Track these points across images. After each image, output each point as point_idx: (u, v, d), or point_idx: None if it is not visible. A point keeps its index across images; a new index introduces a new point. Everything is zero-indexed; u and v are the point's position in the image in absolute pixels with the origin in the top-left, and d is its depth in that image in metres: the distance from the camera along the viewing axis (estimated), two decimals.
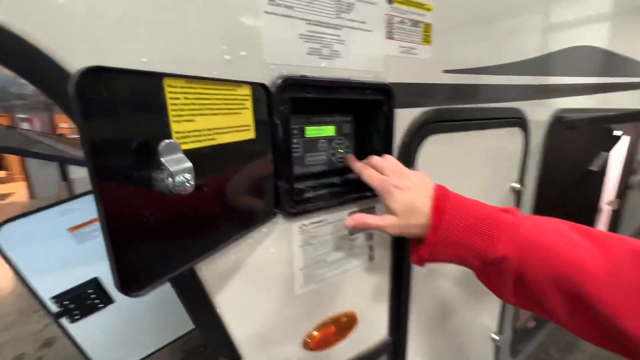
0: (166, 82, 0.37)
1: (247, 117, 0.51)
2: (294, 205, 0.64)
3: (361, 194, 0.75)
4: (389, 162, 0.64)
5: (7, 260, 1.11)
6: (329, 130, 0.76)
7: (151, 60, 0.42)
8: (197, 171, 0.42)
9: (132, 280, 0.34)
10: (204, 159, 0.44)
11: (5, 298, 3.04)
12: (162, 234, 0.38)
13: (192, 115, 0.41)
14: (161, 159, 0.34)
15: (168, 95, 0.37)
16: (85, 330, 1.31)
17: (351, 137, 0.80)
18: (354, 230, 0.64)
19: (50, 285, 1.28)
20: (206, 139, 0.43)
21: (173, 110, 0.38)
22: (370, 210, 0.80)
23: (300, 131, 0.71)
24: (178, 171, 0.35)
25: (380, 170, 0.62)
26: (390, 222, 0.55)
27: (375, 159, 0.70)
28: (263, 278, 0.65)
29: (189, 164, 0.36)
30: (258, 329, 0.67)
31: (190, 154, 0.41)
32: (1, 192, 5.86)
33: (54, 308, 1.20)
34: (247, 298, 0.63)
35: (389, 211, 0.57)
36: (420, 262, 0.54)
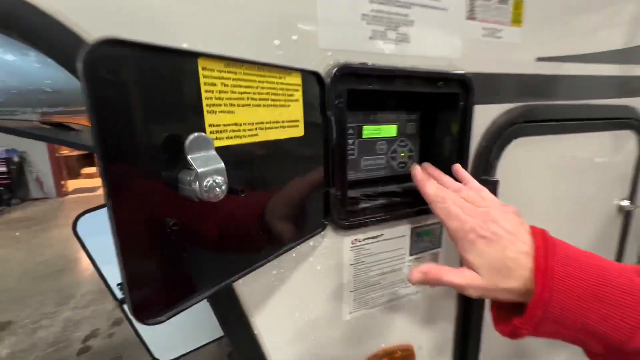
0: (201, 63, 0.30)
1: (296, 111, 0.43)
2: (347, 216, 0.55)
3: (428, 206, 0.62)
4: (469, 192, 0.49)
5: (83, 246, 1.20)
6: (390, 131, 0.65)
7: (183, 38, 0.36)
8: (235, 172, 0.35)
9: (148, 303, 0.28)
10: (244, 158, 0.36)
11: (88, 278, 3.45)
12: (188, 247, 0.31)
13: (231, 105, 0.34)
14: (188, 156, 0.27)
15: (203, 80, 0.30)
16: None
17: (415, 139, 0.68)
18: (420, 283, 0.48)
19: (117, 273, 1.38)
20: (247, 135, 0.36)
21: (208, 98, 0.31)
22: (439, 227, 0.66)
23: (356, 130, 0.61)
24: (207, 173, 0.28)
25: (458, 203, 0.46)
26: (471, 282, 0.42)
27: (450, 183, 0.56)
28: (307, 299, 0.56)
29: (220, 165, 0.29)
30: (300, 356, 0.58)
31: (227, 152, 0.34)
32: (92, 185, 6.71)
33: (119, 294, 1.28)
34: (288, 320, 0.55)
35: (468, 264, 0.43)
36: (514, 336, 0.39)
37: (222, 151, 0.33)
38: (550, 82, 0.73)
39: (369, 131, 0.62)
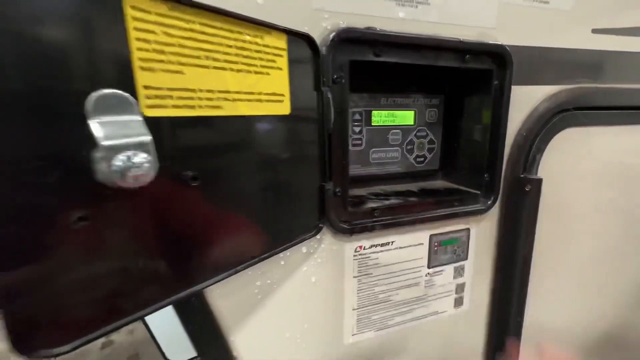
0: (128, 0, 0.22)
1: (279, 82, 0.34)
2: (349, 218, 0.45)
3: (453, 209, 0.51)
4: None
5: None
6: (406, 118, 0.54)
7: None
8: (188, 155, 0.27)
9: (39, 329, 0.20)
10: (201, 136, 0.28)
11: None
12: (108, 251, 0.22)
13: (179, 64, 0.25)
14: (89, 121, 0.19)
15: (132, 24, 0.22)
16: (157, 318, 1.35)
17: (438, 129, 0.57)
18: None
19: None
20: (205, 106, 0.27)
21: (141, 50, 0.23)
22: (465, 234, 0.55)
23: (364, 116, 0.51)
24: (119, 147, 0.19)
25: None
26: None
27: None
28: (300, 316, 0.47)
29: (144, 137, 0.21)
30: None
31: (173, 125, 0.25)
32: None
33: None
34: (275, 341, 0.46)
35: None
36: None
37: (166, 124, 0.25)
38: (608, 60, 0.59)
39: (380, 117, 0.52)
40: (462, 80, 0.54)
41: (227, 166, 0.30)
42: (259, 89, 0.32)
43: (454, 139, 0.57)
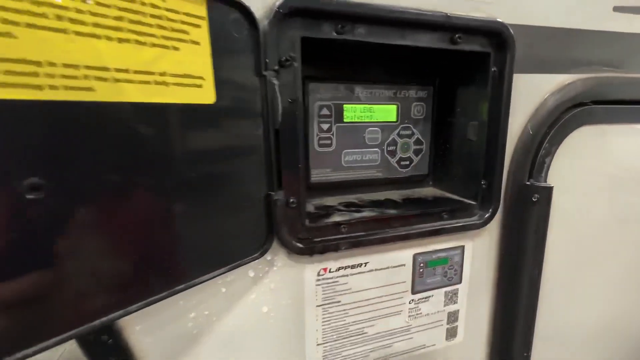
0: None
1: (194, 60, 0.26)
2: (308, 235, 0.36)
3: (442, 223, 0.42)
4: None
5: None
6: (387, 113, 0.46)
7: None
8: (37, 156, 0.19)
9: None
10: (60, 128, 0.20)
11: None
12: None
13: (7, 22, 0.17)
14: None
15: None
16: None
17: (426, 126, 0.48)
18: None
19: None
20: (66, 87, 0.19)
21: None
22: (459, 252, 0.45)
23: (334, 111, 0.43)
24: None
25: None
26: None
27: None
28: (248, 354, 0.38)
29: None
30: None
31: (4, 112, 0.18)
32: None
33: None
34: None
35: None
36: None
37: None
38: (632, 44, 0.49)
39: (354, 113, 0.44)
40: (454, 67, 0.45)
41: (110, 169, 0.22)
42: (161, 67, 0.24)
43: (446, 138, 0.48)
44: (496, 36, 0.39)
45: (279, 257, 0.37)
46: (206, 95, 0.27)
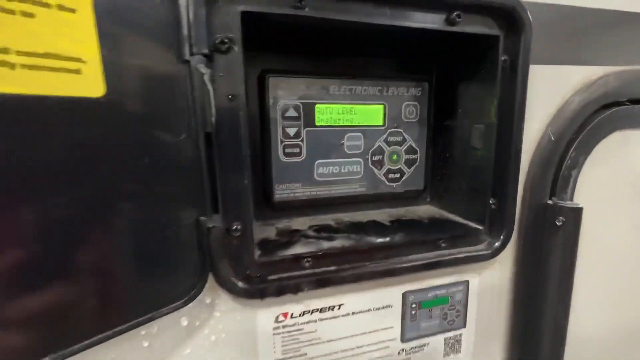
0: None
1: (65, 31, 0.18)
2: (257, 272, 0.28)
3: (439, 253, 0.33)
4: None
5: None
6: (372, 114, 0.37)
7: None
8: None
9: None
10: None
11: None
12: None
13: None
14: None
15: None
16: None
17: (420, 131, 0.39)
18: None
19: None
20: None
21: None
22: (462, 289, 0.36)
23: (304, 111, 0.34)
24: None
25: None
26: None
27: None
28: None
29: None
30: None
31: None
32: None
33: None
34: None
35: None
36: None
37: None
38: None
39: (330, 115, 0.35)
40: (455, 56, 0.36)
41: None
42: (3, 42, 0.16)
43: (445, 145, 0.39)
44: (507, 15, 0.30)
45: (222, 300, 0.28)
46: (89, 85, 0.19)
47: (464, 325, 0.37)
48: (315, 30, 0.30)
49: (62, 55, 0.18)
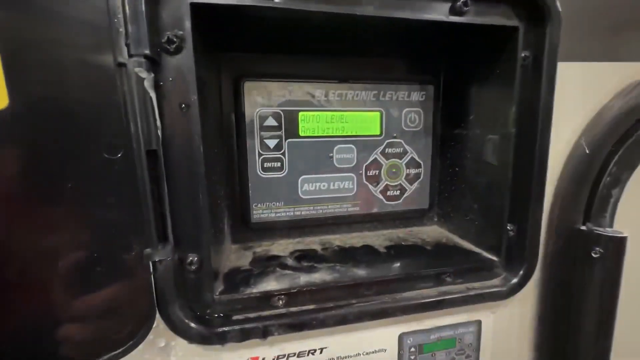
0: None
1: None
2: (218, 311, 0.23)
3: (444, 290, 0.28)
4: None
5: None
6: (367, 123, 0.32)
7: None
8: None
9: None
10: None
11: None
12: None
13: None
14: None
15: None
16: None
17: (425, 140, 0.34)
18: None
19: None
20: None
21: None
22: (473, 330, 0.30)
23: (286, 120, 0.30)
24: None
25: None
26: None
27: None
28: None
29: None
30: None
31: None
32: None
33: None
34: None
35: None
36: None
37: None
38: None
39: (316, 123, 0.31)
40: (466, 53, 0.31)
41: None
42: None
43: (454, 158, 0.33)
44: (528, 2, 0.25)
45: (178, 343, 0.24)
46: None
47: None
48: (296, 26, 0.25)
49: None
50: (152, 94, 0.20)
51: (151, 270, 0.21)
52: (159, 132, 0.20)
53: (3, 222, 0.17)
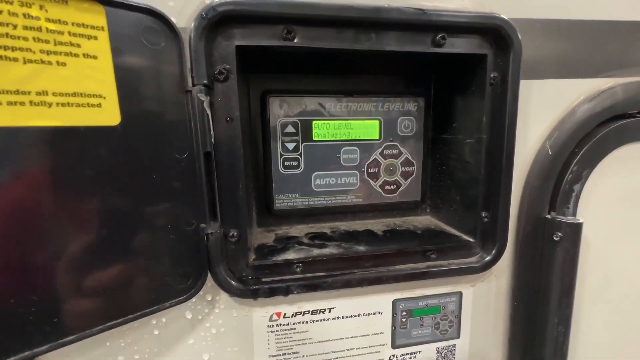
0: None
1: (89, 74, 0.22)
2: (252, 274, 0.31)
3: (429, 264, 0.34)
4: None
5: None
6: (368, 129, 0.39)
7: None
8: None
9: None
10: None
11: None
12: None
13: None
14: None
15: None
16: None
17: (416, 143, 0.41)
18: None
19: None
20: None
21: None
22: (454, 300, 0.37)
23: (302, 128, 0.37)
24: None
25: None
26: None
27: None
28: None
29: None
30: None
31: None
32: None
33: None
34: None
35: None
36: None
37: None
38: None
39: (326, 130, 0.38)
40: (450, 72, 0.37)
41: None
42: (39, 86, 0.21)
43: (442, 158, 0.40)
44: (493, 34, 0.31)
45: (222, 298, 0.32)
46: (107, 115, 0.23)
47: (458, 336, 0.38)
48: (309, 55, 0.33)
49: (87, 93, 0.22)
50: (208, 111, 0.27)
51: (205, 240, 0.29)
52: (212, 139, 0.28)
53: (110, 199, 0.25)
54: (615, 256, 0.40)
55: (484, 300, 0.38)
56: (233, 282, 0.30)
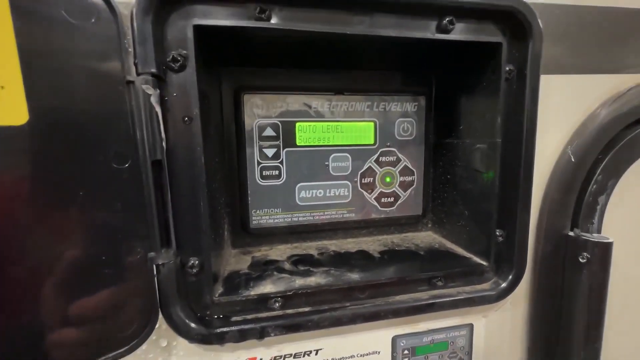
0: None
1: None
2: (218, 312, 0.25)
3: (435, 294, 0.29)
4: None
5: None
6: (361, 132, 0.34)
7: None
8: None
9: None
10: None
11: None
12: None
13: None
14: None
15: None
16: None
17: (417, 149, 0.35)
18: None
19: None
20: None
21: None
22: (464, 333, 0.31)
23: (283, 130, 0.32)
24: None
25: None
26: None
27: None
28: None
29: None
30: None
31: None
32: None
33: None
34: None
35: None
36: None
37: None
38: None
39: (312, 133, 0.32)
40: (454, 66, 0.32)
41: None
42: None
43: (446, 166, 0.35)
44: (510, 19, 0.26)
45: (179, 343, 0.25)
46: (8, 112, 0.17)
47: None
48: (291, 44, 0.27)
49: None
50: (158, 109, 0.21)
51: (154, 272, 0.22)
52: (164, 144, 0.22)
53: (17, 226, 0.18)
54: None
55: (497, 333, 0.32)
56: (192, 325, 0.24)
